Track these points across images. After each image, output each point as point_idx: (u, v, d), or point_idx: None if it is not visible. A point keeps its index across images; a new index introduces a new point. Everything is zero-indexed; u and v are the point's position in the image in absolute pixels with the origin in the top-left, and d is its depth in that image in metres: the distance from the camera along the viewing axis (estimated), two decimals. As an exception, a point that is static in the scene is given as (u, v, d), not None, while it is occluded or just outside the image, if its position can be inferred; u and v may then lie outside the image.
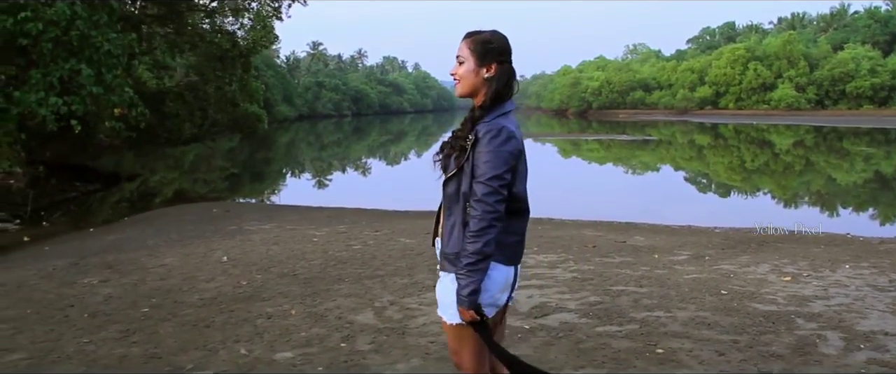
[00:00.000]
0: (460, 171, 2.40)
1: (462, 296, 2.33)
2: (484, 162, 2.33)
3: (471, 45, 2.44)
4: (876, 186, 19.09)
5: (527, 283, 5.75)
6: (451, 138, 2.50)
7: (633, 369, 3.82)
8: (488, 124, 2.38)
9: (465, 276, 2.32)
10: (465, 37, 2.48)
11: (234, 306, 5.25)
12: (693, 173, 23.71)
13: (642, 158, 29.20)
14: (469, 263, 2.31)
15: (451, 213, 2.44)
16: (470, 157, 2.37)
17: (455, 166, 2.41)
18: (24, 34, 11.87)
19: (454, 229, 2.41)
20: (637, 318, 4.75)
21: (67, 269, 7.09)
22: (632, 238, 8.12)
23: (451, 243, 2.42)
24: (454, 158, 2.43)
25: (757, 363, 3.91)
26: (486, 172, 2.32)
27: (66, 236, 10.45)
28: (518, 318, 4.77)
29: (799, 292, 5.47)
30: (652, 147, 35.15)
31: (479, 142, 2.36)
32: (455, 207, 2.42)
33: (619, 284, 5.71)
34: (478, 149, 2.36)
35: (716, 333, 4.44)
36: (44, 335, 4.77)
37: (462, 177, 2.39)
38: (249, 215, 10.84)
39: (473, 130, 2.40)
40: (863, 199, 16.38)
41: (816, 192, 17.91)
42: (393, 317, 4.86)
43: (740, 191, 18.63)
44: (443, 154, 2.51)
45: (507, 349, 2.57)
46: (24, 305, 5.63)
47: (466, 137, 2.40)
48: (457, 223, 2.41)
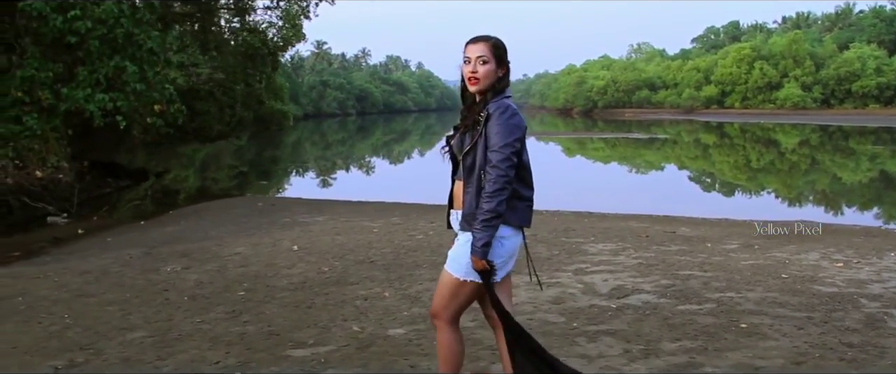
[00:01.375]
0: (475, 145, 2.78)
1: (477, 247, 2.71)
2: (496, 133, 2.73)
3: (492, 50, 2.83)
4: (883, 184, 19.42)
5: (597, 268, 6.09)
6: (463, 118, 2.90)
7: (724, 341, 4.15)
8: (497, 104, 2.79)
9: (480, 230, 2.70)
10: (476, 40, 2.87)
11: (327, 290, 5.58)
12: (699, 172, 24.03)
13: (653, 156, 29.53)
14: (484, 219, 2.70)
15: (470, 183, 2.82)
16: (483, 131, 2.76)
17: (470, 142, 2.80)
18: (72, 32, 12.20)
19: (471, 195, 2.80)
20: (712, 298, 5.09)
21: (143, 258, 7.43)
22: (678, 229, 8.47)
23: (469, 205, 2.81)
24: (468, 135, 2.82)
25: (835, 335, 4.24)
26: (498, 142, 2.71)
27: (119, 229, 10.80)
28: (602, 298, 5.11)
29: (854, 276, 5.81)
30: (657, 146, 35.46)
31: (491, 117, 2.75)
32: (472, 177, 2.80)
33: (684, 269, 6.05)
34: (490, 124, 2.75)
35: (789, 310, 4.77)
36: (154, 316, 5.11)
37: (477, 150, 2.78)
38: (297, 209, 11.18)
39: (484, 109, 2.79)
40: (870, 197, 16.72)
41: (824, 190, 18.23)
42: (483, 297, 5.20)
43: (747, 189, 18.97)
44: (457, 134, 2.90)
45: (537, 343, 2.96)
46: (119, 290, 5.97)
47: (479, 114, 2.79)
48: (473, 190, 2.80)
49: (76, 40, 12.37)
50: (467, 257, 2.78)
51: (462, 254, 2.82)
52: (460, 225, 2.87)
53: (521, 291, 5.38)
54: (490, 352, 4.00)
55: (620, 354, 3.96)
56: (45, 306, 5.51)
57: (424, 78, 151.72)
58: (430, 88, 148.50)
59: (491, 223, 2.71)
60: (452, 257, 2.89)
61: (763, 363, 3.78)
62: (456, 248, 2.89)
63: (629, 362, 3.83)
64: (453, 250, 2.90)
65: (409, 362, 3.95)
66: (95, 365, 4.11)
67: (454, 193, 2.97)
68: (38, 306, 5.50)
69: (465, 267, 2.82)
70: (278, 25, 18.30)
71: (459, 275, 2.85)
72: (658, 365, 3.77)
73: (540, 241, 7.52)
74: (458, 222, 2.90)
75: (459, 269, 2.85)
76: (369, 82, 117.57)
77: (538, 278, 3.48)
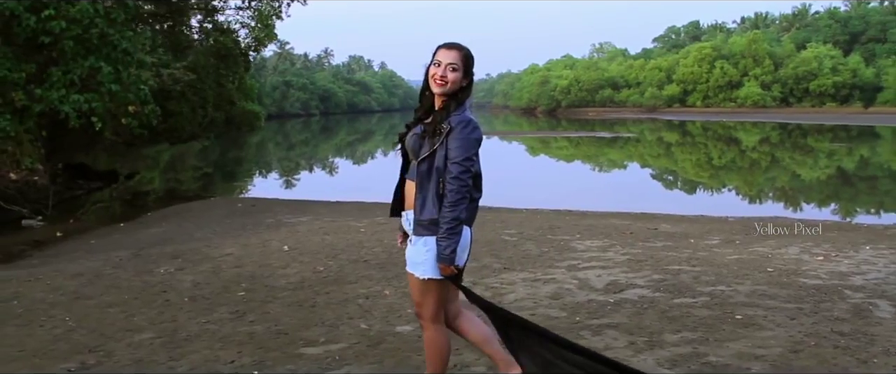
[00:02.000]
0: (434, 153, 2.89)
1: (444, 255, 2.86)
2: (457, 147, 2.85)
3: (463, 59, 2.95)
4: (851, 180, 20.02)
5: (588, 264, 6.25)
6: (417, 119, 3.03)
7: (722, 331, 4.33)
8: (459, 117, 2.90)
9: (445, 238, 2.85)
10: (450, 47, 2.98)
11: (327, 289, 5.65)
12: (664, 170, 24.49)
13: (618, 154, 29.98)
14: (449, 228, 2.84)
15: (424, 187, 2.91)
16: (444, 142, 2.87)
17: (429, 149, 2.89)
18: (46, 32, 12.02)
19: (426, 201, 2.91)
20: (705, 291, 5.28)
21: (133, 260, 7.39)
22: (659, 226, 8.69)
23: (424, 212, 2.91)
24: (427, 141, 2.91)
25: (826, 324, 4.45)
26: (459, 155, 2.84)
27: (100, 231, 10.70)
28: (599, 294, 5.27)
29: (835, 269, 6.06)
30: (621, 144, 35.99)
31: (454, 130, 2.87)
32: (427, 182, 2.90)
33: (673, 264, 6.25)
34: (452, 136, 2.86)
35: (779, 302, 4.98)
36: (158, 318, 5.12)
37: (435, 157, 2.88)
38: (279, 209, 11.18)
39: (447, 121, 2.89)
40: (827, 193, 17.24)
41: (787, 186, 18.75)
42: (483, 295, 5.31)
43: (710, 186, 19.43)
44: (410, 132, 3.03)
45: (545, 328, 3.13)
46: (117, 292, 5.95)
47: (441, 125, 2.89)
48: (429, 196, 2.90)
49: (50, 40, 12.21)
50: (422, 257, 2.94)
51: (418, 254, 2.97)
52: (414, 228, 2.99)
53: (519, 287, 5.51)
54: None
55: (626, 345, 4.11)
56: (43, 309, 5.48)
57: (387, 78, 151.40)
58: (394, 87, 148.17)
59: (455, 230, 2.86)
60: (411, 259, 3.02)
61: (763, 351, 3.96)
62: (411, 250, 3.01)
63: (636, 353, 3.98)
64: (410, 252, 3.02)
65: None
66: (108, 367, 4.13)
67: (406, 191, 3.07)
68: (36, 310, 5.46)
69: (422, 266, 2.96)
70: (251, 26, 18.19)
71: (420, 274, 2.99)
72: (664, 356, 3.93)
73: (528, 238, 7.67)
74: (410, 224, 3.02)
75: (418, 268, 2.99)
76: (333, 82, 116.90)
77: None
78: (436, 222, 2.88)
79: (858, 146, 32.74)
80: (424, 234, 2.92)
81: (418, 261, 2.97)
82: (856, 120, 55.83)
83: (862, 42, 78.85)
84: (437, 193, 2.89)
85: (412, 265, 3.01)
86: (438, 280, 2.98)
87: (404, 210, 3.12)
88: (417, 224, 2.96)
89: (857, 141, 36.85)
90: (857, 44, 78.91)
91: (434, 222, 2.89)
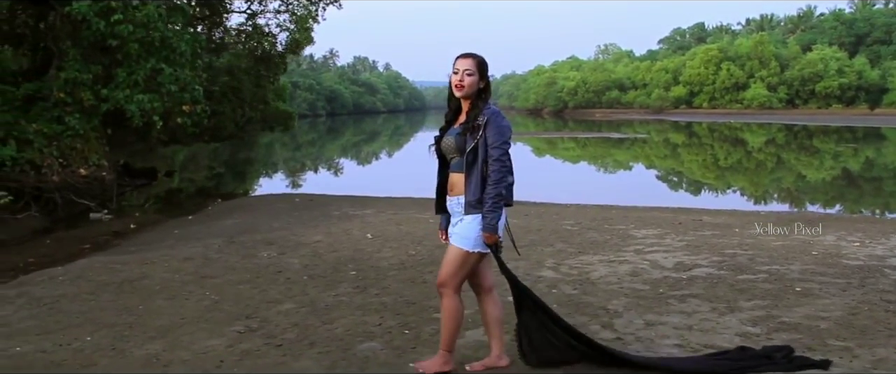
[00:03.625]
0: (476, 145, 3.53)
1: (489, 225, 3.48)
2: (494, 134, 3.50)
3: (476, 65, 3.60)
4: (870, 180, 20.77)
5: (651, 249, 7.04)
6: (464, 127, 3.61)
7: (788, 300, 5.11)
8: (489, 111, 3.57)
9: (491, 211, 3.48)
10: (465, 56, 3.63)
11: (429, 269, 6.41)
12: (671, 170, 25.24)
13: (626, 155, 30.73)
14: (493, 202, 3.47)
15: (472, 174, 3.53)
16: (483, 133, 3.52)
17: (473, 142, 3.53)
18: (114, 36, 12.82)
19: (473, 184, 3.53)
20: (763, 270, 6.05)
21: (230, 246, 8.15)
22: (702, 218, 9.47)
23: (472, 193, 3.53)
24: (470, 137, 3.54)
25: (875, 294, 5.22)
26: (497, 140, 3.49)
27: (171, 223, 11.46)
28: (671, 272, 6.05)
29: (872, 252, 6.84)
30: (629, 144, 36.74)
31: (489, 122, 3.52)
32: (474, 169, 3.53)
33: (727, 248, 7.03)
34: (488, 127, 3.52)
35: (830, 278, 5.76)
36: (289, 292, 5.85)
37: (478, 148, 3.52)
38: (339, 204, 11.92)
39: (482, 114, 3.55)
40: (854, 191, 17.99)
41: (792, 187, 19.50)
42: (570, 273, 6.10)
43: (735, 184, 20.18)
44: (458, 138, 3.60)
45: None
46: (235, 272, 6.69)
47: (477, 120, 3.56)
48: (475, 180, 3.52)
49: (117, 43, 13.00)
50: (474, 232, 3.55)
51: (470, 230, 3.56)
52: (466, 207, 3.57)
53: (599, 267, 6.29)
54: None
55: (710, 310, 4.89)
56: (177, 286, 6.22)
57: (393, 79, 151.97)
58: (399, 88, 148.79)
59: (498, 204, 3.49)
60: (461, 234, 3.60)
61: (825, 314, 4.74)
62: (462, 226, 3.60)
63: (719, 316, 4.76)
64: (461, 228, 3.61)
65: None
66: (271, 329, 4.85)
67: (452, 182, 3.68)
68: (172, 287, 6.20)
69: (472, 241, 3.57)
70: (290, 29, 18.98)
71: (468, 248, 3.59)
72: (744, 317, 4.70)
73: (588, 228, 8.46)
74: (462, 206, 3.60)
75: (468, 243, 3.59)
76: (339, 83, 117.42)
77: (516, 247, 4.17)
78: (482, 200, 3.51)
79: (864, 147, 33.46)
80: (474, 212, 3.56)
81: (470, 236, 3.57)
82: (861, 121, 56.50)
83: (867, 44, 79.53)
84: (482, 176, 3.51)
85: (462, 240, 3.60)
86: (478, 254, 3.61)
87: (449, 199, 3.73)
88: (469, 205, 3.56)
89: (863, 142, 37.56)
90: (863, 46, 79.61)
91: (481, 201, 3.52)
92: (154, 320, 5.16)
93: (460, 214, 3.64)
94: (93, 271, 6.99)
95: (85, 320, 5.26)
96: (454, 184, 3.68)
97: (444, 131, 3.74)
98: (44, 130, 12.81)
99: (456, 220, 3.69)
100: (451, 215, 3.76)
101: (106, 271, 6.97)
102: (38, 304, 5.82)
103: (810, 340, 4.21)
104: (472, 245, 3.59)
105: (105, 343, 4.65)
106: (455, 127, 3.68)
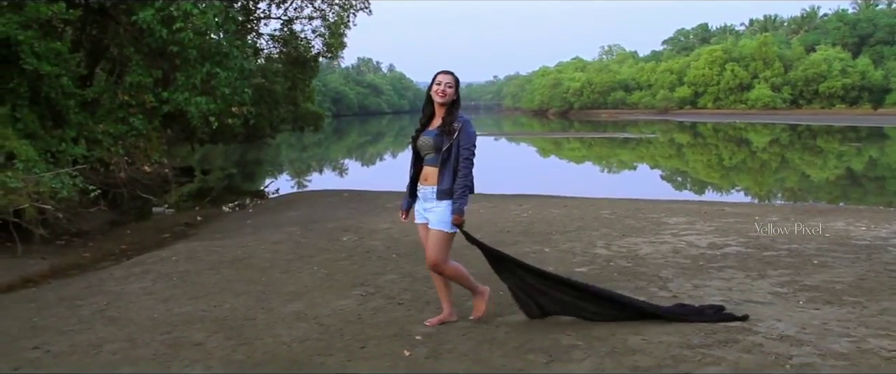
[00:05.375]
0: (450, 145, 4.46)
1: (459, 209, 4.44)
2: (465, 139, 4.45)
3: (454, 80, 4.55)
4: (872, 177, 21.81)
5: (685, 232, 8.12)
6: (441, 129, 4.51)
7: (807, 269, 6.18)
8: (462, 119, 4.50)
9: (460, 198, 4.45)
10: (446, 73, 4.56)
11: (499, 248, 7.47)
12: (680, 169, 26.29)
13: (634, 155, 31.78)
14: (462, 191, 4.44)
15: (445, 168, 4.46)
16: (457, 136, 4.45)
17: (448, 143, 4.46)
18: (175, 42, 13.89)
19: (445, 176, 4.46)
20: (783, 248, 7.13)
21: (310, 232, 9.22)
22: (724, 208, 10.55)
23: (444, 183, 4.47)
24: (446, 139, 4.46)
25: (880, 265, 6.29)
26: (467, 143, 4.46)
27: (236, 215, 12.55)
28: (705, 250, 7.13)
29: (878, 234, 7.91)
30: (633, 145, 37.79)
31: (462, 128, 4.46)
32: (447, 164, 4.46)
33: (750, 232, 8.10)
34: (462, 132, 4.46)
35: (841, 254, 6.83)
36: (386, 267, 6.86)
37: (451, 148, 4.45)
38: (386, 197, 12.95)
39: (453, 122, 4.48)
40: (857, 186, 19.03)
41: (796, 187, 20.54)
42: (621, 251, 7.18)
43: (748, 182, 21.24)
44: (435, 138, 4.50)
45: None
46: (328, 252, 7.73)
47: (453, 125, 4.48)
48: (448, 172, 4.46)
49: (177, 49, 14.07)
50: (448, 215, 4.48)
51: (445, 214, 4.49)
52: (438, 195, 4.50)
53: (643, 247, 7.37)
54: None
55: (744, 276, 5.97)
56: (284, 263, 7.29)
57: (397, 80, 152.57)
58: (403, 89, 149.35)
59: (466, 193, 4.48)
60: (440, 219, 4.52)
61: (839, 279, 5.81)
62: (439, 212, 4.53)
63: (753, 280, 5.83)
64: (438, 214, 4.51)
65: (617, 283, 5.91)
66: (387, 292, 5.87)
67: (426, 174, 4.59)
68: (278, 264, 7.26)
69: (448, 224, 4.52)
70: (324, 34, 20.07)
71: (447, 229, 4.54)
72: (773, 281, 5.78)
73: (625, 216, 9.55)
74: (435, 193, 4.52)
75: (446, 225, 4.54)
76: (344, 85, 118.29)
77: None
78: (452, 190, 4.45)
79: (868, 147, 34.45)
80: (446, 198, 4.51)
81: (446, 219, 4.51)
82: (865, 121, 57.40)
83: (870, 44, 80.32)
84: (453, 170, 4.46)
85: (442, 224, 4.53)
86: (453, 234, 4.56)
87: (422, 188, 4.64)
88: (441, 193, 4.50)
89: (866, 142, 38.53)
90: (866, 46, 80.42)
91: (451, 190, 4.45)
92: (281, 288, 6.23)
93: (433, 200, 4.56)
94: (201, 252, 8.07)
95: (220, 289, 6.33)
96: (428, 175, 4.60)
97: (419, 132, 4.67)
98: (110, 131, 13.89)
99: (429, 205, 4.61)
100: (419, 200, 4.71)
101: (211, 252, 8.06)
102: (168, 278, 6.89)
103: (829, 296, 5.29)
104: (448, 227, 4.54)
105: (251, 304, 5.71)
106: (431, 129, 4.60)
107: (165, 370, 4.24)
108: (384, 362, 4.18)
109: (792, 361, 3.93)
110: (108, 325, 5.29)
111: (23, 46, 11.82)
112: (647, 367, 3.89)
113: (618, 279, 5.96)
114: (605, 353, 4.15)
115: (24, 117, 12.30)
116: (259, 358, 4.36)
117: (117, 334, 5.03)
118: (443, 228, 4.56)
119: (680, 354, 4.07)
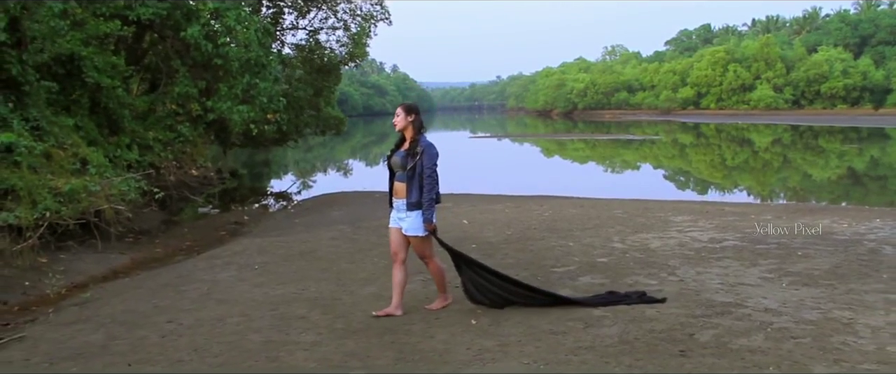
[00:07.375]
0: (415, 165, 5.33)
1: (429, 218, 5.37)
2: (428, 159, 5.33)
3: (404, 109, 5.46)
4: (874, 174, 22.96)
5: (689, 229, 9.33)
6: (407, 151, 5.42)
7: (792, 259, 7.39)
8: (425, 143, 5.39)
9: (427, 209, 5.36)
10: (400, 106, 5.51)
11: (527, 244, 8.69)
12: (684, 169, 27.46)
13: (640, 155, 32.95)
14: (428, 203, 5.34)
15: (412, 184, 5.34)
16: (420, 158, 5.34)
17: (412, 163, 5.34)
18: (219, 56, 15.13)
19: (413, 191, 5.34)
20: (773, 242, 8.34)
21: (359, 229, 10.41)
22: (725, 208, 11.75)
23: (413, 196, 5.35)
24: (411, 159, 5.35)
25: (854, 256, 7.49)
26: (429, 163, 5.33)
27: (280, 214, 13.76)
28: (706, 243, 8.35)
29: (856, 230, 9.12)
30: (636, 145, 38.95)
31: (425, 151, 5.34)
32: (413, 181, 5.33)
33: (747, 229, 9.31)
34: (423, 154, 5.33)
35: (823, 247, 8.03)
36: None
37: (416, 167, 5.32)
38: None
39: (417, 146, 5.38)
40: (848, 183, 20.19)
41: (798, 186, 21.71)
42: (634, 244, 8.40)
43: (748, 183, 22.41)
44: (402, 158, 5.41)
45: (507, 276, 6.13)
46: (381, 247, 8.81)
47: (416, 150, 5.37)
48: (414, 187, 5.33)
49: (221, 62, 15.32)
50: (419, 222, 5.39)
51: (416, 222, 5.40)
52: (408, 207, 5.38)
53: (653, 241, 8.59)
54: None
55: (739, 265, 7.18)
56: (347, 255, 8.50)
57: (401, 80, 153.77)
58: (408, 90, 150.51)
59: (433, 205, 5.38)
60: (412, 227, 5.43)
61: (817, 267, 7.02)
62: (410, 221, 5.42)
63: (746, 268, 7.05)
64: (410, 223, 5.41)
65: (630, 278, 7.11)
66: (447, 279, 7.11)
67: (397, 188, 5.48)
68: (343, 256, 8.44)
69: (419, 229, 5.44)
70: (347, 44, 21.32)
71: (421, 233, 5.48)
72: (762, 268, 6.99)
73: (636, 215, 10.77)
74: (405, 205, 5.40)
75: (419, 230, 5.46)
76: (348, 86, 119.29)
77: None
78: (419, 202, 5.35)
79: (869, 147, 35.50)
80: (414, 209, 5.40)
81: (416, 226, 5.44)
82: (866, 121, 58.35)
83: (872, 45, 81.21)
84: (418, 185, 5.33)
85: (413, 230, 5.46)
86: (428, 236, 5.51)
87: (395, 200, 5.54)
88: (409, 205, 5.39)
89: (867, 142, 39.57)
90: (867, 46, 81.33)
91: (419, 203, 5.35)
92: (353, 275, 7.43)
93: (404, 211, 5.46)
94: (268, 247, 9.29)
95: (300, 277, 7.52)
96: (398, 190, 5.52)
97: (393, 152, 5.57)
98: (160, 137, 15.14)
99: (401, 215, 5.50)
100: (394, 210, 5.61)
101: (278, 247, 9.27)
102: (250, 268, 8.09)
103: (807, 280, 6.51)
104: (422, 232, 5.48)
105: (333, 288, 6.91)
106: (401, 150, 5.51)
107: (286, 336, 5.44)
108: (458, 328, 5.39)
109: (773, 326, 5.13)
110: (219, 305, 6.48)
111: (85, 61, 13.03)
112: (662, 330, 5.10)
113: (634, 268, 7.18)
114: (628, 320, 5.36)
115: (86, 126, 13.55)
116: (356, 327, 5.56)
117: (231, 310, 6.23)
118: (417, 233, 5.53)
119: (686, 321, 5.29)
